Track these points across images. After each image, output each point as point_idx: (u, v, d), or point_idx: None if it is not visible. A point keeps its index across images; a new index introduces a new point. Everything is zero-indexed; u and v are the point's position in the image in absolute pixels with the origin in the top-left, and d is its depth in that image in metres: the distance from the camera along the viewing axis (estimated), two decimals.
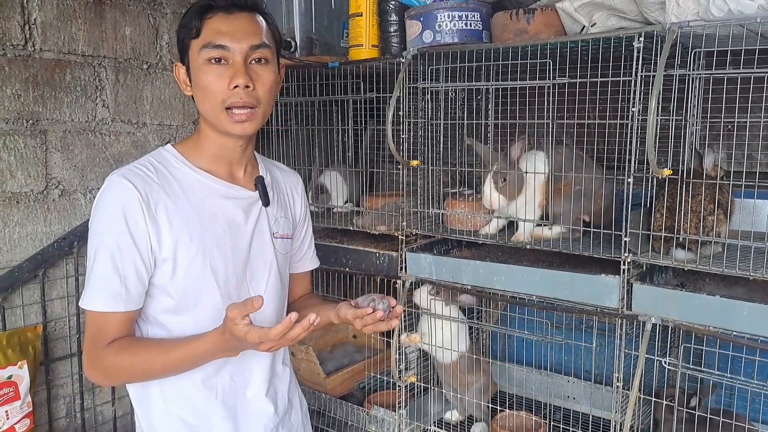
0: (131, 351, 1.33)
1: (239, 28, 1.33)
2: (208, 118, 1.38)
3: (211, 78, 1.32)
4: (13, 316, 2.07)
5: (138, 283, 1.32)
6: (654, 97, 1.46)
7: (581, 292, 1.70)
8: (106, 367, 1.33)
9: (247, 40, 1.33)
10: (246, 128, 1.36)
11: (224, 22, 1.33)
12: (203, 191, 1.40)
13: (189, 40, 1.35)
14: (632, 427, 1.68)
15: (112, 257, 1.29)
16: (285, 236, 1.55)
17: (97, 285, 1.30)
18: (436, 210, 2.10)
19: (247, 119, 1.35)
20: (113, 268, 1.29)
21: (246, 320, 1.18)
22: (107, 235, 1.29)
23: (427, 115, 2.08)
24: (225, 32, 1.32)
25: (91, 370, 1.36)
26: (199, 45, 1.33)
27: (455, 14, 1.91)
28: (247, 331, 1.18)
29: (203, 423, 1.41)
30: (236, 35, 1.32)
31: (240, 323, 1.18)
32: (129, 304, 1.32)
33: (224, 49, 1.32)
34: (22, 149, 2.05)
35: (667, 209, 1.65)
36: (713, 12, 1.47)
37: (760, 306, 1.44)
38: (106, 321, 1.31)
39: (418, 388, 2.23)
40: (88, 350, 1.34)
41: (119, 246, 1.29)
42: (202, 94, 1.35)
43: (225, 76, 1.32)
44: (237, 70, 1.32)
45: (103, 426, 2.35)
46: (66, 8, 2.12)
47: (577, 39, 1.71)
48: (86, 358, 1.35)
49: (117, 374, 1.36)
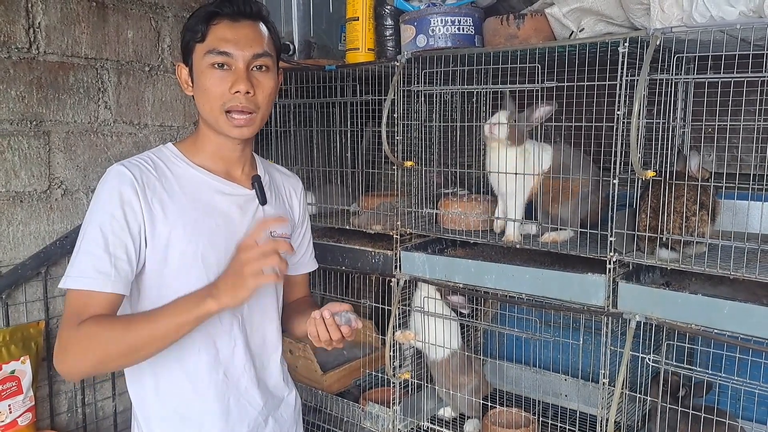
0: (107, 321, 1.26)
1: (243, 36, 1.38)
2: (208, 119, 1.43)
3: (213, 81, 1.38)
4: (16, 312, 2.12)
5: (127, 267, 1.32)
6: (637, 100, 1.50)
7: (569, 291, 1.74)
8: (79, 342, 1.24)
9: (250, 49, 1.38)
10: (244, 132, 1.42)
11: (229, 30, 1.38)
12: (199, 186, 1.44)
13: (194, 44, 1.40)
14: (618, 422, 1.71)
15: (104, 237, 1.30)
16: (283, 236, 1.58)
17: (84, 263, 1.29)
18: (430, 210, 2.15)
19: (246, 124, 1.41)
20: (104, 247, 1.29)
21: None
22: (101, 217, 1.31)
23: (421, 117, 2.12)
24: (229, 39, 1.37)
25: (63, 356, 1.26)
26: (204, 50, 1.38)
27: (448, 19, 1.96)
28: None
29: (195, 414, 1.45)
30: (240, 43, 1.37)
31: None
32: (116, 286, 1.30)
33: (228, 55, 1.37)
34: (26, 149, 2.10)
35: (651, 210, 1.69)
36: (696, 18, 1.51)
37: (740, 304, 1.47)
38: (89, 302, 1.27)
39: (413, 385, 2.27)
40: (63, 333, 1.26)
41: (112, 227, 1.31)
42: (203, 96, 1.40)
43: (227, 80, 1.37)
44: (239, 76, 1.37)
45: (103, 421, 2.39)
46: (69, 12, 2.17)
47: (565, 44, 1.75)
48: (58, 345, 1.27)
49: (93, 351, 1.24)
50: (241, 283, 1.23)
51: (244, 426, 1.51)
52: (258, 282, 1.23)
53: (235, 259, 1.27)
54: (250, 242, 1.25)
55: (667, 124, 1.72)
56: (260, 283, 1.23)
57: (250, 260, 1.23)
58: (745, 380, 1.59)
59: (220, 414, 1.47)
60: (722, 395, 2.02)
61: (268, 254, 1.22)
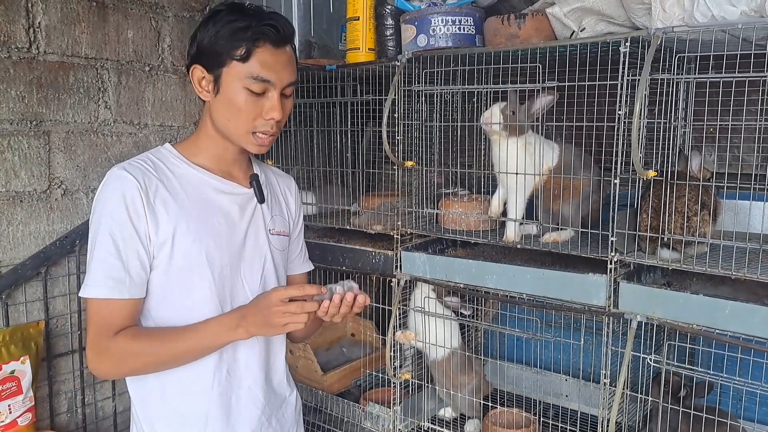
0: (143, 336, 1.36)
1: (283, 65, 1.40)
2: (228, 133, 1.44)
3: (249, 104, 1.39)
4: (16, 312, 2.12)
5: (141, 271, 1.35)
6: (638, 100, 1.50)
7: (570, 291, 1.73)
8: (116, 354, 1.34)
9: (287, 78, 1.41)
10: (263, 149, 1.46)
11: (271, 56, 1.38)
12: (200, 185, 1.45)
13: (230, 59, 1.37)
14: (620, 423, 1.71)
15: (115, 244, 1.32)
16: (281, 233, 1.59)
17: (99, 273, 1.33)
18: (431, 210, 2.14)
19: (268, 143, 1.45)
20: (116, 255, 1.32)
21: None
22: (110, 224, 1.33)
23: (422, 117, 2.12)
24: (271, 67, 1.38)
25: (99, 362, 1.36)
26: (246, 72, 1.37)
27: (449, 19, 1.95)
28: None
29: (198, 414, 1.45)
30: (279, 71, 1.39)
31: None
32: (132, 291, 1.35)
33: (268, 83, 1.38)
34: (26, 149, 2.10)
35: (653, 210, 1.68)
36: (697, 18, 1.51)
37: (742, 304, 1.47)
38: (110, 310, 1.34)
39: (413, 385, 2.27)
40: (94, 342, 1.35)
41: (122, 234, 1.33)
42: (231, 112, 1.40)
43: (260, 104, 1.39)
44: (274, 104, 1.39)
45: (103, 421, 2.39)
46: (70, 12, 2.17)
47: (566, 44, 1.75)
48: (92, 351, 1.36)
49: (127, 363, 1.37)
50: (269, 328, 1.34)
51: (247, 426, 1.51)
52: (286, 330, 1.35)
53: (267, 302, 1.33)
54: (281, 297, 1.31)
55: (668, 124, 1.72)
56: (288, 330, 1.35)
57: (281, 314, 1.30)
58: (746, 381, 1.59)
59: (222, 413, 1.47)
60: (724, 396, 2.02)
61: (297, 315, 1.31)
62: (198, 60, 1.42)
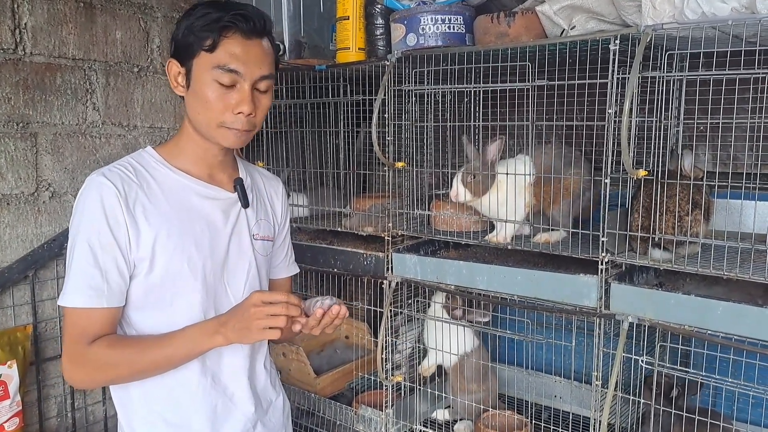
0: (120, 344, 1.34)
1: (253, 56, 1.35)
2: (199, 127, 1.40)
3: (217, 96, 1.34)
4: (3, 316, 2.10)
5: (119, 279, 1.33)
6: (628, 99, 1.48)
7: (561, 292, 1.72)
8: (92, 362, 1.32)
9: (258, 71, 1.36)
10: (237, 143, 1.41)
11: (240, 47, 1.34)
12: (182, 191, 1.42)
13: (199, 50, 1.34)
14: (612, 425, 1.69)
15: (93, 253, 1.30)
16: (266, 238, 1.57)
17: (77, 281, 1.31)
18: (422, 211, 2.12)
19: (240, 138, 1.40)
20: (94, 263, 1.30)
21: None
22: (88, 232, 1.31)
23: (412, 117, 2.10)
24: (240, 57, 1.33)
25: (74, 370, 1.34)
26: (213, 62, 1.33)
27: (438, 17, 1.94)
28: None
29: (183, 421, 1.43)
30: (249, 63, 1.34)
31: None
32: (111, 300, 1.32)
33: (236, 74, 1.33)
34: (12, 151, 2.08)
35: (644, 209, 1.66)
36: (687, 15, 1.49)
37: (734, 305, 1.45)
38: (89, 319, 1.32)
39: (406, 388, 2.25)
40: (70, 350, 1.33)
41: (100, 242, 1.30)
42: (199, 105, 1.36)
43: (230, 98, 1.34)
44: (243, 97, 1.34)
45: (93, 426, 2.37)
46: (56, 13, 2.15)
47: (556, 42, 1.73)
48: (68, 359, 1.34)
49: (104, 372, 1.35)
50: (248, 332, 1.30)
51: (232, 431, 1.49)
52: (263, 336, 1.31)
53: (245, 306, 1.31)
54: (263, 299, 1.30)
55: (659, 122, 1.70)
56: (265, 336, 1.31)
57: (260, 316, 1.28)
58: (739, 382, 1.57)
59: (207, 419, 1.45)
60: (717, 397, 2.00)
61: (276, 318, 1.28)
62: (174, 54, 1.39)
